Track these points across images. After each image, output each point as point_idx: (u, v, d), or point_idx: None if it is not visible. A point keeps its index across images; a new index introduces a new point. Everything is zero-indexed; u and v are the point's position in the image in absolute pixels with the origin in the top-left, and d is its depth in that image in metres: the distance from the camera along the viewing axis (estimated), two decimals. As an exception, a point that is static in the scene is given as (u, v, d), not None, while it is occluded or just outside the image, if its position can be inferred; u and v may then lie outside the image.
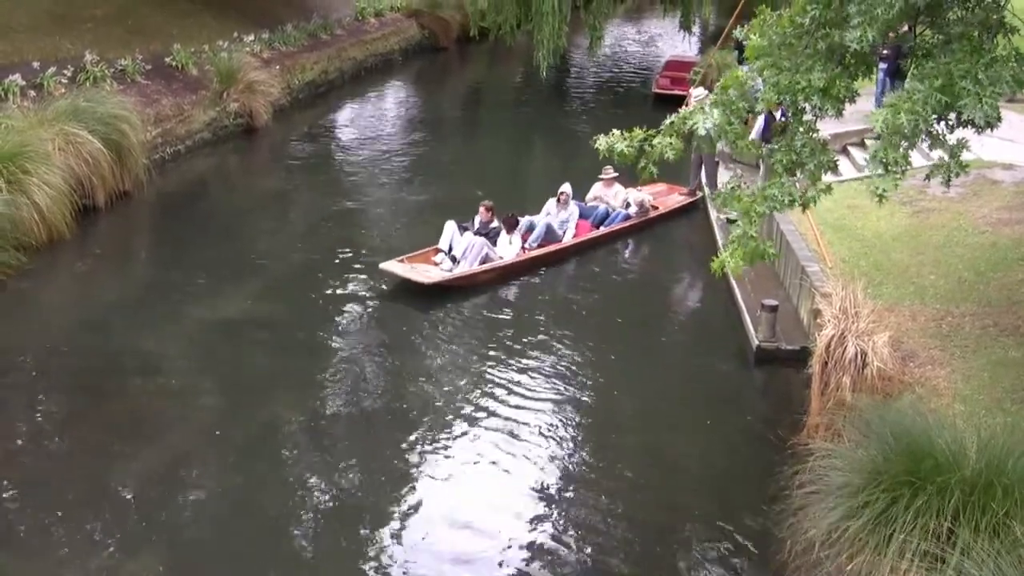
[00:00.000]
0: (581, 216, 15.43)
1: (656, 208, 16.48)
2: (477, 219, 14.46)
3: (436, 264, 13.72)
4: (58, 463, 9.15)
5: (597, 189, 16.38)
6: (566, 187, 15.37)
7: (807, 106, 7.74)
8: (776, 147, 8.13)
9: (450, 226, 14.11)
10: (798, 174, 7.97)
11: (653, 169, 8.15)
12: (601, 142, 8.22)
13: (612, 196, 16.19)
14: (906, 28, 8.14)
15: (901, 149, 7.18)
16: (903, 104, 6.97)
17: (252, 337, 11.79)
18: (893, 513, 6.84)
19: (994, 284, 11.00)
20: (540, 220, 14.79)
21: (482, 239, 13.87)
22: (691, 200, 17.20)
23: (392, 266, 13.33)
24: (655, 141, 7.95)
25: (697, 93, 17.37)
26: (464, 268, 13.55)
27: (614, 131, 8.28)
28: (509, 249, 14.17)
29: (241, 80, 20.31)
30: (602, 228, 15.52)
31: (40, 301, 12.61)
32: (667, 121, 8.09)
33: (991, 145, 15.10)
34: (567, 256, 14.80)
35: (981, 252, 11.84)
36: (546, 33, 23.85)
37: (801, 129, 8.04)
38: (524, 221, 14.70)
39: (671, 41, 35.09)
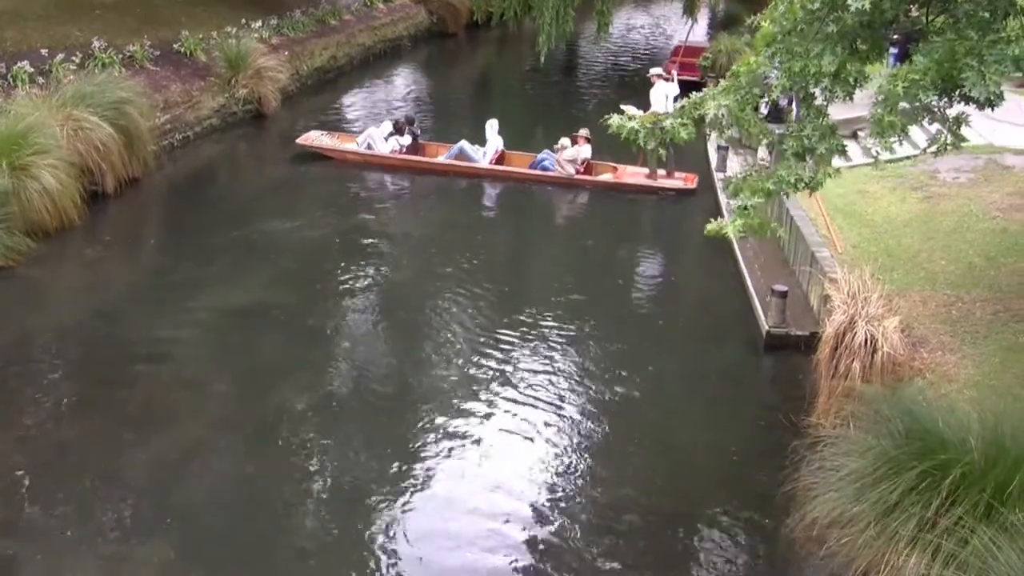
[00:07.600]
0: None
1: (618, 172, 17.44)
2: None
3: None
4: (69, 450, 9.18)
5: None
6: (488, 122, 18.02)
7: (817, 91, 7.74)
8: (787, 133, 8.15)
9: (385, 125, 18.23)
10: (808, 159, 7.99)
11: (662, 153, 8.15)
12: (614, 120, 8.23)
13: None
14: (916, 13, 8.13)
15: (898, 117, 7.30)
16: (903, 75, 7.17)
17: (262, 323, 11.80)
18: (898, 498, 6.85)
19: (1005, 270, 10.95)
20: (460, 144, 17.67)
21: (369, 135, 17.97)
22: (682, 187, 17.00)
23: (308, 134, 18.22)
24: (666, 123, 7.95)
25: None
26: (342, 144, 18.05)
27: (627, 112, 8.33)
28: (388, 146, 17.80)
29: (250, 66, 20.21)
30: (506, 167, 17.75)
31: (50, 288, 12.63)
32: (678, 105, 8.09)
33: (1002, 131, 15.03)
34: (476, 177, 17.43)
35: (992, 238, 11.79)
36: (546, 19, 23.65)
37: (811, 115, 8.03)
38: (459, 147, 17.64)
39: (679, 26, 34.86)
